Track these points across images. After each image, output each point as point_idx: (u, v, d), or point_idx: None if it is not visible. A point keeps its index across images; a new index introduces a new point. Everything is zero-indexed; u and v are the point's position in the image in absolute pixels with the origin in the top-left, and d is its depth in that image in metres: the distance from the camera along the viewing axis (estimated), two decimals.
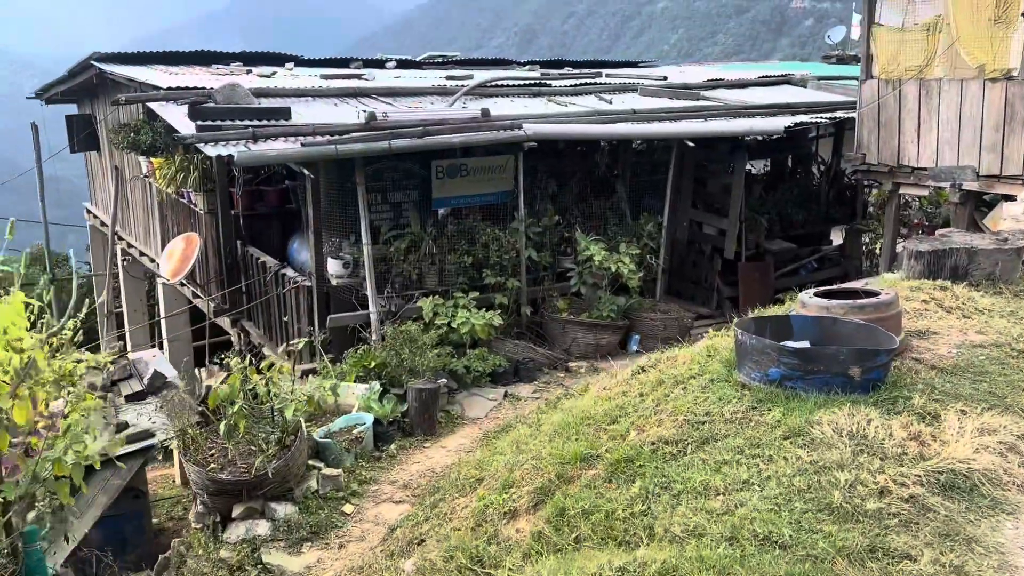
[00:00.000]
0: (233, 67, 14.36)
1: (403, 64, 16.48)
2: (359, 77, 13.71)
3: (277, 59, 15.29)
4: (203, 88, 10.68)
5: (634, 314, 11.29)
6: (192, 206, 12.72)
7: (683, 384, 5.76)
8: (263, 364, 7.20)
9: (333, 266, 10.31)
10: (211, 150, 8.29)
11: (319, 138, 9.04)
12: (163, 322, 14.74)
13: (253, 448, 7.13)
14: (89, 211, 18.85)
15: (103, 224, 17.35)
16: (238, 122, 9.62)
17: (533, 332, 11.09)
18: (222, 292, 12.52)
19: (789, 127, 11.77)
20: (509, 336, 10.77)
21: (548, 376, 10.22)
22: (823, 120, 12.29)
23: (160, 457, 9.15)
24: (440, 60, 17.67)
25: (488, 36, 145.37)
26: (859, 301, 5.68)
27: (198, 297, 13.19)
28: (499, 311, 10.41)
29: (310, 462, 7.43)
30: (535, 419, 7.42)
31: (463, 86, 12.69)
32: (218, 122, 9.52)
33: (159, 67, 13.86)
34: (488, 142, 9.97)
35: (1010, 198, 9.91)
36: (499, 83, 13.26)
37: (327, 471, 7.26)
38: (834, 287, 6.45)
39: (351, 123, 9.60)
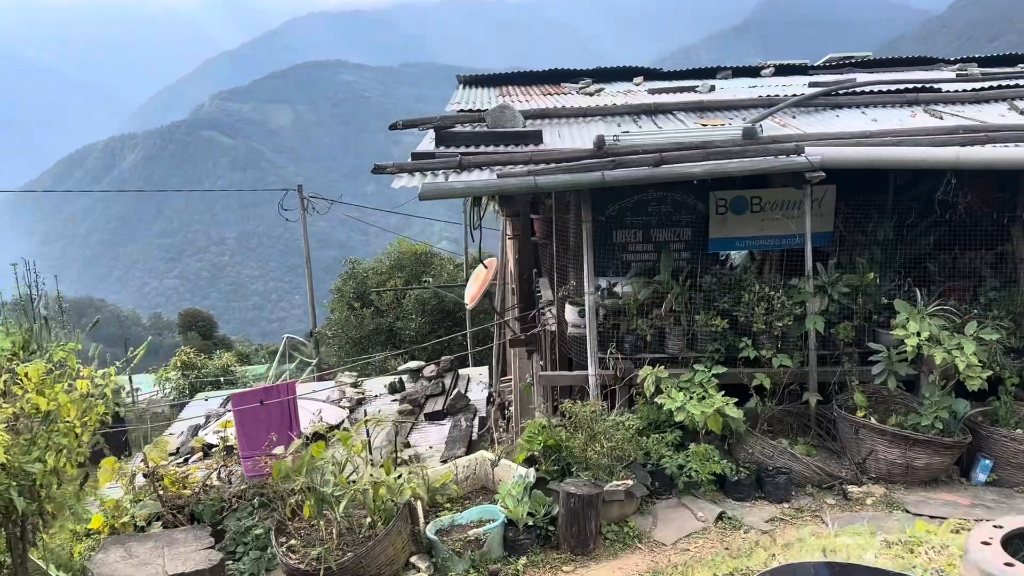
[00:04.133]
0: (581, 85, 13.57)
1: (740, 72, 13.83)
2: (693, 90, 11.78)
3: (626, 73, 14.05)
4: (483, 110, 10.06)
5: (986, 428, 7.55)
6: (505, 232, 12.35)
7: None
8: (354, 426, 6.22)
9: (570, 313, 8.85)
10: (398, 181, 7.57)
11: (520, 168, 7.67)
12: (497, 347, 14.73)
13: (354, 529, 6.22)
14: None
15: None
16: (484, 147, 8.77)
17: (824, 431, 8.13)
18: (513, 319, 11.91)
19: None
20: (781, 431, 8.07)
21: (811, 499, 7.32)
22: None
23: None
24: (840, 62, 14.46)
25: None
26: None
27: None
28: (758, 397, 7.85)
29: (413, 560, 6.23)
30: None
31: (806, 95, 9.95)
32: (461, 148, 8.79)
33: (512, 88, 13.74)
34: (748, 171, 7.46)
35: None
36: (855, 90, 10.14)
37: None
38: None
39: (583, 149, 8.02)
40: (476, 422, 11.84)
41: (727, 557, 6.01)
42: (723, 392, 7.76)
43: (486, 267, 12.61)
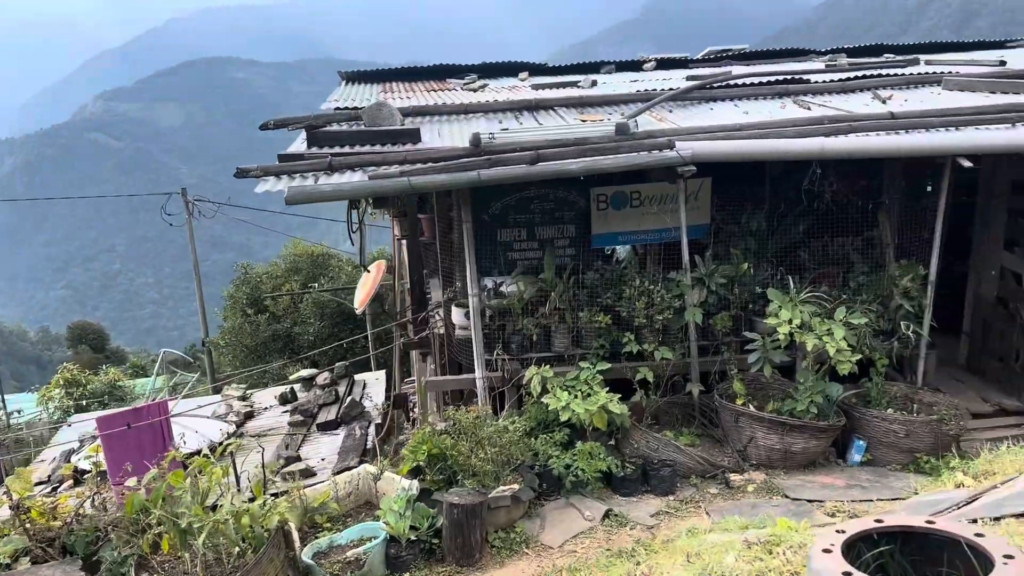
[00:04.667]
0: (466, 80, 13.40)
1: (623, 66, 14.00)
2: (575, 86, 11.77)
3: (512, 69, 13.96)
4: (356, 108, 9.76)
5: (859, 410, 7.80)
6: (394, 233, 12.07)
7: None
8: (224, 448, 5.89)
9: (456, 315, 8.70)
10: (262, 185, 7.23)
11: (394, 168, 7.44)
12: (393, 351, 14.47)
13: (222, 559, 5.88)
14: None
15: None
16: (358, 147, 8.48)
17: (708, 420, 8.25)
18: (409, 321, 11.69)
19: None
20: (668, 423, 8.14)
21: (695, 489, 7.40)
22: None
23: None
24: (718, 55, 14.77)
25: (916, 17, 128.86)
26: None
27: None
28: (642, 391, 7.89)
29: None
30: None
31: (682, 89, 10.06)
32: (335, 148, 8.48)
33: (397, 84, 13.44)
34: (622, 167, 7.45)
35: None
36: (729, 83, 10.33)
37: None
38: None
39: (460, 147, 7.85)
40: (372, 430, 11.52)
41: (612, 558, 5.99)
42: (609, 388, 7.78)
43: (368, 271, 12.30)
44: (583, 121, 9.28)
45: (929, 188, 8.77)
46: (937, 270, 8.15)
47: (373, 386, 13.73)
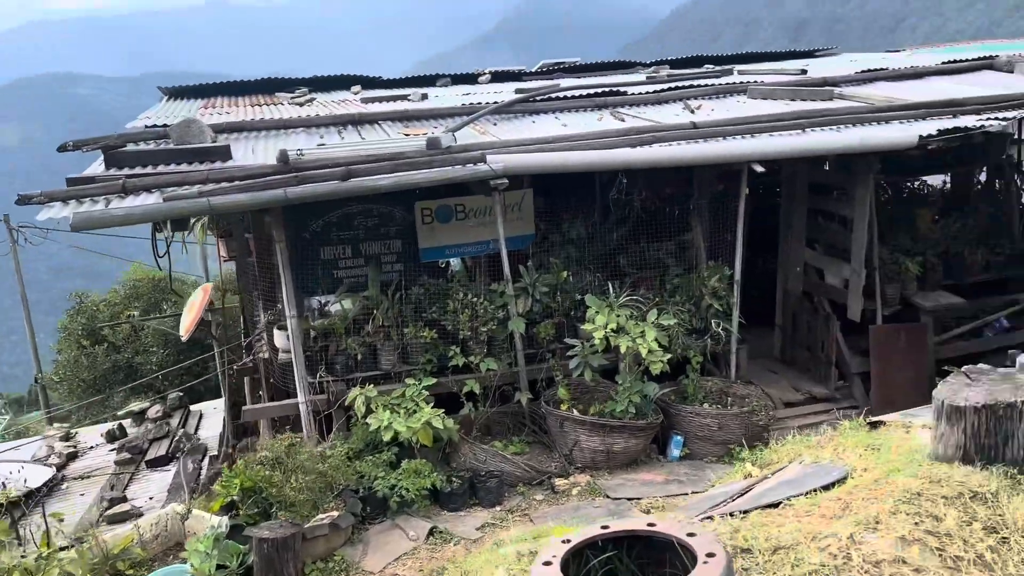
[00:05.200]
0: (295, 94, 13.07)
1: (459, 79, 14.18)
2: (406, 99, 11.72)
3: (345, 82, 13.78)
4: (165, 126, 9.31)
5: (676, 407, 8.11)
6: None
7: None
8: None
9: (279, 338, 8.43)
10: (45, 212, 6.77)
11: (193, 189, 7.14)
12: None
13: None
14: None
15: None
16: (163, 167, 8.08)
17: (538, 427, 8.35)
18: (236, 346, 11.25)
19: (926, 137, 7.84)
20: (500, 433, 8.19)
21: (521, 498, 7.47)
22: (993, 123, 8.08)
23: None
24: (552, 68, 15.11)
25: (755, 28, 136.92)
26: None
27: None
28: (471, 403, 7.91)
29: None
30: None
31: (506, 102, 10.19)
32: (137, 168, 8.03)
33: (221, 99, 12.94)
34: (434, 181, 7.46)
35: None
36: (552, 96, 10.55)
37: None
38: None
39: (268, 165, 7.62)
40: (206, 462, 11.02)
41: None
42: (439, 403, 7.74)
43: (178, 294, 11.79)
44: (406, 135, 9.24)
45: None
46: (742, 269, 8.60)
47: (211, 416, 13.16)
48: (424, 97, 11.74)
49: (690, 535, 2.70)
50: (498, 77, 14.41)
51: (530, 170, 7.66)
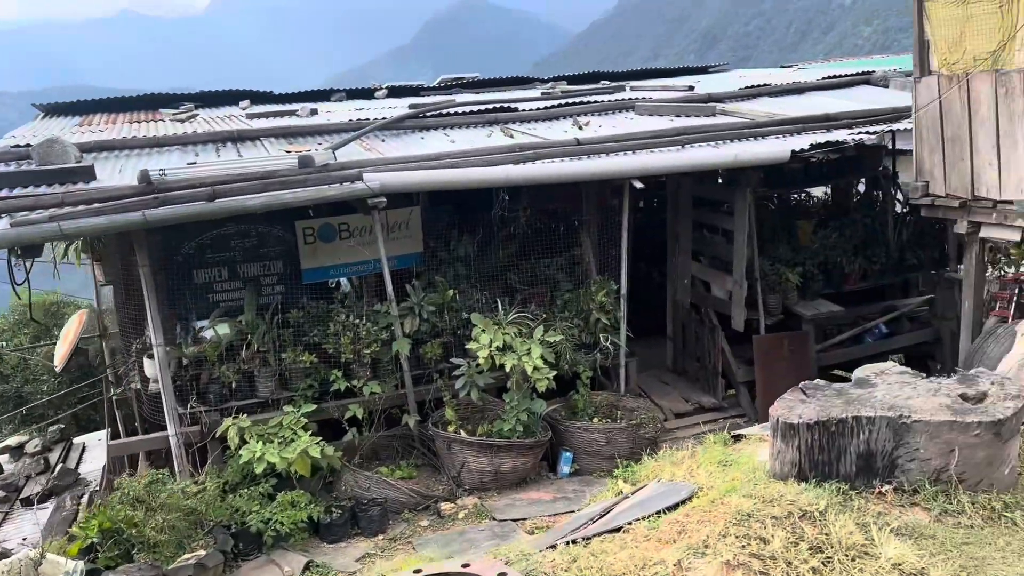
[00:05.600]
0: (178, 111, 12.59)
1: (355, 94, 13.99)
2: (294, 114, 11.42)
3: (234, 97, 13.38)
4: (29, 146, 8.80)
5: (564, 423, 8.05)
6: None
7: None
8: None
9: (149, 367, 8.02)
10: None
11: (44, 213, 6.73)
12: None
13: None
14: None
15: None
16: (20, 190, 7.60)
17: (428, 450, 8.17)
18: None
19: (798, 152, 8.04)
20: (388, 458, 7.98)
21: (406, 524, 7.27)
22: (862, 137, 8.35)
23: None
24: (451, 83, 15.02)
25: (666, 44, 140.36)
26: None
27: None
28: (355, 428, 7.68)
29: None
30: None
31: (395, 118, 10.02)
32: None
33: (100, 116, 12.36)
34: (306, 201, 7.24)
35: None
36: (443, 112, 10.44)
37: None
38: None
39: (128, 186, 7.24)
40: (86, 499, 10.42)
41: None
42: (316, 431, 7.47)
43: (78, 320, 11.20)
44: (288, 152, 8.96)
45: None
46: (635, 282, 8.65)
47: (94, 448, 12.48)
48: (313, 112, 11.48)
49: (501, 574, 2.58)
50: (395, 92, 14.22)
51: (409, 188, 7.51)
